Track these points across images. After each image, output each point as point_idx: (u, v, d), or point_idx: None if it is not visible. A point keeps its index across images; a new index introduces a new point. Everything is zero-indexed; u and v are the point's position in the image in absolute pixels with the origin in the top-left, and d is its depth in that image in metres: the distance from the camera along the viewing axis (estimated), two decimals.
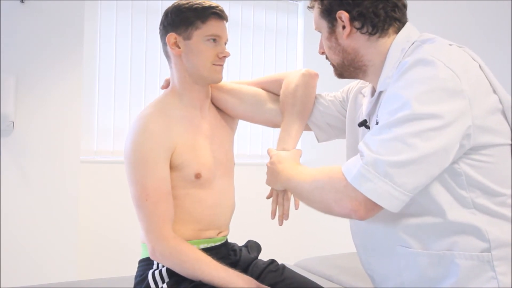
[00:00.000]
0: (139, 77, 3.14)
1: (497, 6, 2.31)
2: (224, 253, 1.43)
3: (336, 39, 1.18)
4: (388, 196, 0.98)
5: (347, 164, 1.05)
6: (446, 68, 0.99)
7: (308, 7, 1.27)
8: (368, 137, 1.04)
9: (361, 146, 1.04)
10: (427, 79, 0.99)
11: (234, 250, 1.48)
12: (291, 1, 3.69)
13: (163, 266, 1.34)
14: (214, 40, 1.38)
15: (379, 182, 0.98)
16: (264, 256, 1.52)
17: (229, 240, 1.52)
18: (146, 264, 1.38)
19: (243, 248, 1.51)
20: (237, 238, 1.60)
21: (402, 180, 0.97)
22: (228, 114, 1.54)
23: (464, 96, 0.98)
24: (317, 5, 1.21)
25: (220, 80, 1.43)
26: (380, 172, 0.98)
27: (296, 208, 1.37)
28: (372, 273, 1.23)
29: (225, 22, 1.41)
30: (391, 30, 1.16)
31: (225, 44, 1.42)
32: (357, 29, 1.15)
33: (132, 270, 1.47)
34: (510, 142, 1.06)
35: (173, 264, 1.29)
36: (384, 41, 1.16)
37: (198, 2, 1.38)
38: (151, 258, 1.32)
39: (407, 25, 1.18)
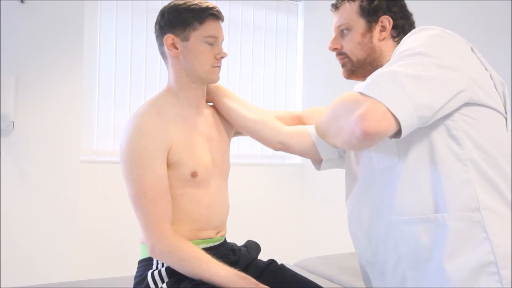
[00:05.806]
0: (139, 77, 3.14)
1: (497, 6, 2.31)
2: (223, 253, 1.42)
3: (371, 37, 1.25)
4: (399, 103, 0.96)
5: (358, 84, 1.05)
6: (447, 33, 1.09)
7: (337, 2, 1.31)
8: (376, 72, 1.04)
9: (368, 78, 1.04)
10: (432, 36, 1.07)
11: (233, 250, 1.48)
12: (291, 1, 3.69)
13: (163, 266, 1.33)
14: (212, 42, 1.38)
15: (393, 89, 0.97)
16: (264, 256, 1.52)
17: (228, 240, 1.52)
18: (145, 264, 1.38)
19: (242, 248, 1.50)
20: (237, 238, 1.60)
21: (415, 92, 0.97)
22: (230, 121, 1.50)
23: (464, 56, 1.05)
24: (358, 3, 1.26)
25: (217, 80, 1.43)
26: (395, 82, 0.98)
27: None
28: (374, 260, 1.20)
29: (221, 22, 1.41)
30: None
31: (221, 43, 1.42)
32: (392, 36, 1.26)
33: (131, 270, 1.47)
34: (502, 111, 1.09)
35: (173, 262, 1.28)
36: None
37: (195, 2, 1.38)
38: (150, 255, 1.31)
39: None
